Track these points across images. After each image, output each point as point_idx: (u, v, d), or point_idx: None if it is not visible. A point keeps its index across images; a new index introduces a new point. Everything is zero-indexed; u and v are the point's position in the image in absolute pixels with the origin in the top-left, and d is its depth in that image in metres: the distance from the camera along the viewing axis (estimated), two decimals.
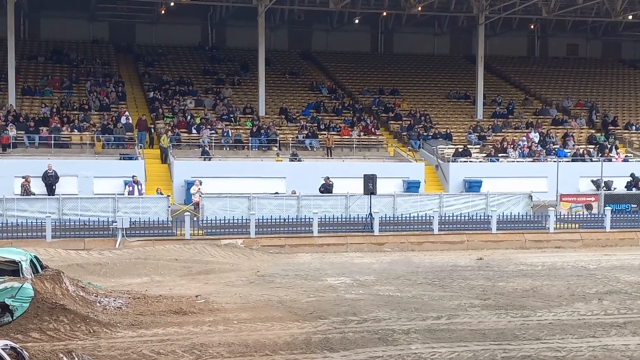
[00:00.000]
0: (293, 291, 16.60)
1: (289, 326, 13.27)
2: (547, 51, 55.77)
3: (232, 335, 12.63)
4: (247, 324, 13.39)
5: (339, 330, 12.97)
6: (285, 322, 13.53)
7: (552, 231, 26.28)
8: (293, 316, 14.02)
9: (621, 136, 42.73)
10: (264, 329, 13.08)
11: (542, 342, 12.08)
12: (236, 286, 17.26)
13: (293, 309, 14.62)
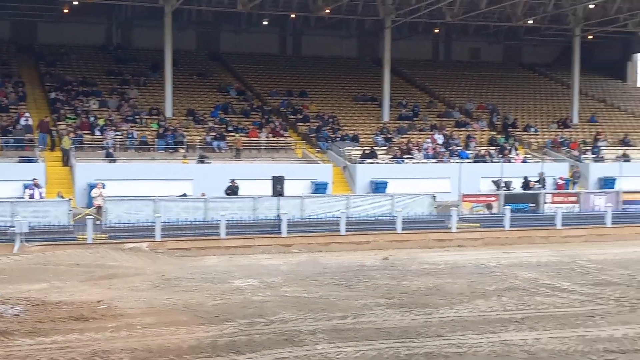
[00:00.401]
0: (199, 294, 16.44)
1: (194, 330, 13.13)
2: (451, 55, 57.17)
3: (135, 340, 12.40)
4: (152, 328, 13.17)
5: (245, 333, 12.93)
6: (190, 326, 13.39)
7: (455, 230, 26.94)
8: (199, 320, 13.88)
9: (520, 138, 44.20)
10: (169, 333, 12.90)
11: (444, 339, 12.37)
12: (140, 290, 16.95)
13: (199, 313, 14.47)
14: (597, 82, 56.67)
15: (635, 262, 21.35)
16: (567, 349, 11.63)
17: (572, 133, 45.35)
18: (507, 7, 43.75)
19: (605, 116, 50.03)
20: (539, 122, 47.13)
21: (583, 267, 20.36)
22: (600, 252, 23.71)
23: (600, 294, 16.14)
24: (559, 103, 51.07)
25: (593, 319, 13.69)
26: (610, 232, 28.24)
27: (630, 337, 12.32)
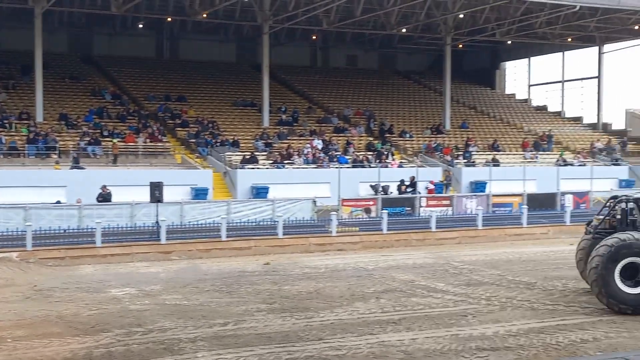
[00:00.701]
0: (74, 305, 15.89)
1: (68, 342, 12.68)
2: (328, 61, 58.00)
3: (5, 354, 11.85)
4: (23, 341, 12.62)
5: (122, 343, 12.60)
6: (64, 338, 12.92)
7: (335, 234, 27.31)
8: (73, 331, 13.42)
9: (397, 143, 45.35)
10: (41, 346, 12.40)
11: (325, 342, 12.50)
12: (11, 302, 16.21)
13: (73, 324, 13.99)
14: (468, 89, 58.97)
15: (505, 262, 22.30)
16: (442, 348, 12.00)
17: (445, 139, 46.95)
18: (381, 16, 44.84)
19: (475, 122, 52.10)
20: (413, 128, 48.52)
21: (456, 268, 21.08)
22: (472, 253, 24.63)
23: (472, 294, 16.75)
24: (433, 110, 52.78)
25: (466, 318, 14.19)
26: (481, 234, 29.41)
27: (501, 334, 12.85)
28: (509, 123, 53.43)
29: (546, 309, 15.01)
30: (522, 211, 31.13)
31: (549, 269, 20.53)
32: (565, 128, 54.33)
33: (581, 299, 15.91)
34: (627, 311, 14.16)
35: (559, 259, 22.76)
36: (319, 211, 30.29)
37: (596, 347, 11.90)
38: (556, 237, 30.02)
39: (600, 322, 13.74)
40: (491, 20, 46.55)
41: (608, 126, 55.52)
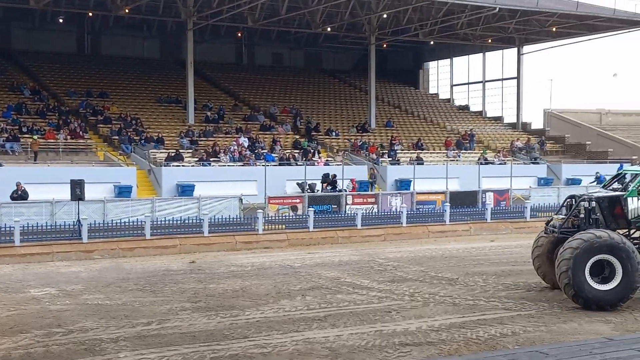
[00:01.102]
0: None
1: None
2: (254, 59, 57.81)
3: None
4: None
5: (42, 344, 12.30)
6: None
7: (261, 232, 27.27)
8: None
9: (323, 141, 45.55)
10: None
11: (250, 340, 12.48)
12: None
13: None
14: (393, 88, 59.72)
15: (428, 259, 22.69)
16: (366, 344, 12.14)
17: (370, 137, 47.40)
18: (306, 14, 44.98)
19: (400, 121, 52.79)
20: (339, 126, 48.83)
21: (381, 264, 21.33)
22: (397, 250, 24.97)
23: (396, 290, 16.99)
24: (358, 108, 53.23)
25: (390, 314, 14.39)
26: (405, 231, 29.81)
27: (424, 330, 13.08)
28: (432, 122, 54.34)
29: (467, 304, 15.34)
30: (445, 209, 31.70)
31: (471, 265, 20.98)
32: (487, 127, 55.61)
33: (501, 295, 16.33)
34: (592, 306, 14.49)
35: (480, 256, 23.31)
36: (246, 209, 30.18)
37: (515, 341, 12.23)
38: (477, 234, 30.74)
39: (519, 316, 14.12)
40: (414, 20, 47.26)
41: (527, 126, 57.08)
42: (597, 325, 13.29)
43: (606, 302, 14.54)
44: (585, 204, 15.75)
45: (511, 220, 32.81)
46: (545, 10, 45.43)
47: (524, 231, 31.80)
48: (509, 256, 23.15)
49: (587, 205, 15.74)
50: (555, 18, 47.10)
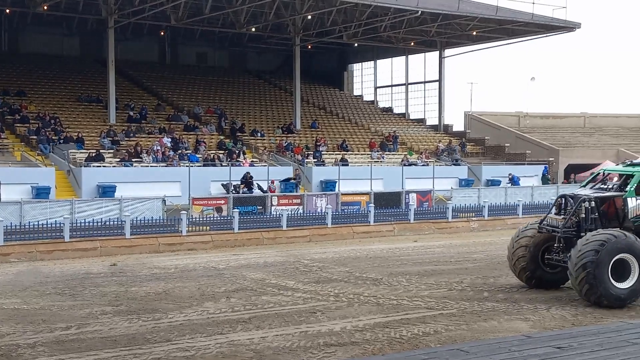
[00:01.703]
0: None
1: None
2: (177, 58, 57.13)
3: None
4: None
5: None
6: None
7: (185, 234, 26.95)
8: None
9: (248, 142, 45.36)
10: None
11: (173, 343, 12.28)
12: None
13: None
14: (317, 90, 59.97)
15: (353, 259, 22.83)
16: (291, 345, 12.11)
17: (295, 138, 47.45)
18: (230, 14, 44.71)
19: (325, 122, 53.04)
20: (265, 127, 48.72)
21: (306, 265, 21.35)
22: (322, 251, 25.05)
23: (321, 291, 17.02)
24: (283, 109, 53.22)
25: (315, 315, 14.40)
26: (330, 232, 29.96)
27: (348, 330, 13.14)
28: (356, 124, 54.79)
29: (391, 304, 15.50)
30: (370, 209, 31.99)
31: (394, 266, 21.21)
32: (410, 129, 56.42)
33: (423, 294, 16.55)
34: (614, 305, 14.71)
35: (404, 256, 23.60)
36: (169, 210, 29.77)
37: (437, 340, 12.41)
38: (401, 235, 31.13)
39: (441, 315, 14.34)
40: (338, 22, 47.55)
41: (449, 128, 58.19)
42: (516, 323, 13.61)
43: (624, 300, 14.86)
44: (586, 204, 15.99)
45: (434, 220, 33.36)
46: (465, 15, 46.40)
47: (446, 231, 32.42)
48: (432, 256, 23.51)
49: (588, 205, 15.99)
50: (476, 22, 48.14)
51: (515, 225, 34.32)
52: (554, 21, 48.52)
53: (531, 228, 17.17)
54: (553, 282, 16.98)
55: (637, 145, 58.63)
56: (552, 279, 16.95)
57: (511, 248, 17.20)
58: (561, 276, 16.79)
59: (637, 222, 16.17)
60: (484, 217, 34.55)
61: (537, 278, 16.86)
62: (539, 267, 16.82)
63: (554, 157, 52.24)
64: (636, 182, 16.20)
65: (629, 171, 16.75)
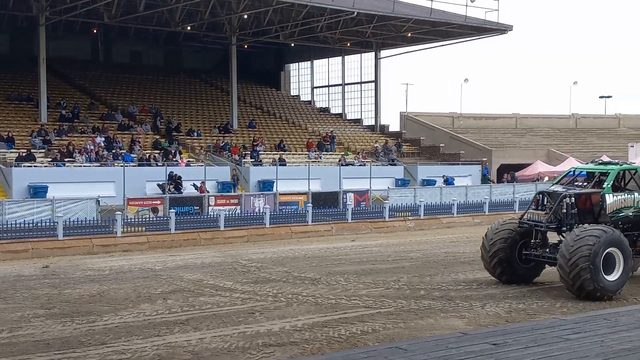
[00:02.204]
0: None
1: None
2: (111, 56, 56.16)
3: None
4: None
5: None
6: None
7: (120, 235, 26.50)
8: None
9: (184, 142, 44.91)
10: None
11: (108, 346, 12.06)
12: None
13: None
14: (255, 89, 59.79)
15: (291, 259, 22.82)
16: (229, 346, 12.02)
17: (232, 138, 47.20)
18: (165, 12, 44.17)
19: (262, 122, 52.92)
20: (201, 127, 48.32)
21: (244, 266, 21.24)
22: (260, 251, 24.96)
23: (259, 291, 16.95)
24: (220, 109, 52.88)
25: (253, 315, 14.33)
26: (268, 232, 29.88)
27: (287, 330, 13.11)
28: (294, 124, 54.81)
29: (329, 303, 15.54)
30: (307, 209, 32.03)
31: (333, 265, 21.28)
32: (347, 129, 56.74)
33: (361, 293, 16.65)
34: (604, 296, 15.43)
35: (342, 255, 23.70)
36: (103, 211, 29.23)
37: (375, 338, 12.49)
38: (339, 234, 31.26)
39: (379, 314, 14.44)
40: (275, 22, 47.49)
41: (385, 128, 58.74)
42: (452, 321, 13.80)
43: (611, 291, 15.56)
44: (567, 200, 16.61)
45: (371, 220, 33.61)
46: (400, 16, 46.90)
47: (383, 231, 32.70)
48: (369, 255, 23.68)
49: (569, 201, 16.62)
50: (411, 24, 48.71)
51: (450, 225, 35.02)
52: (487, 24, 49.47)
53: (509, 223, 17.64)
54: (525, 276, 17.49)
55: (566, 145, 60.32)
56: (525, 273, 17.49)
57: (488, 242, 17.53)
58: (533, 271, 17.53)
59: (613, 216, 16.98)
60: (420, 216, 34.96)
61: (509, 273, 17.34)
62: (514, 262, 17.28)
63: (487, 157, 53.26)
64: (612, 179, 17.05)
65: (602, 169, 17.55)
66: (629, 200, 17.18)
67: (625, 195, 17.25)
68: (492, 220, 36.07)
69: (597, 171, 17.69)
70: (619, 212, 17.08)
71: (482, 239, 17.84)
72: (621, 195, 17.19)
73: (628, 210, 17.18)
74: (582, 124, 67.98)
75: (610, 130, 68.26)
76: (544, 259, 16.77)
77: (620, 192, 17.37)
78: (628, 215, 17.18)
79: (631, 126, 69.33)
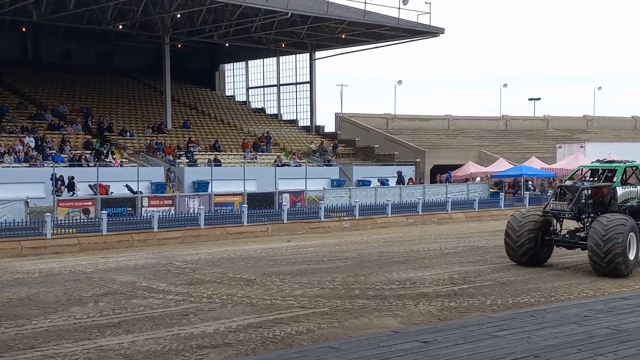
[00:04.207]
0: None
1: None
2: (40, 55, 54.89)
3: None
4: None
5: None
6: None
7: (50, 237, 25.95)
8: None
9: (117, 142, 44.22)
10: None
11: (37, 350, 11.81)
12: None
13: None
14: (189, 89, 59.27)
15: (226, 260, 22.71)
16: (162, 349, 11.91)
17: (166, 138, 46.69)
18: (96, 10, 43.43)
19: (197, 122, 52.51)
20: (134, 127, 47.65)
21: (179, 267, 21.05)
22: (195, 252, 24.77)
23: (194, 293, 16.83)
24: (154, 109, 52.27)
25: (187, 317, 14.22)
26: (203, 233, 29.67)
27: (221, 331, 13.06)
28: (229, 124, 54.57)
29: (265, 304, 15.54)
30: (243, 210, 31.93)
31: (268, 266, 21.27)
32: (282, 130, 56.77)
33: (297, 293, 16.70)
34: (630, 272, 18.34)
35: (277, 256, 23.71)
36: (32, 213, 28.55)
37: (309, 338, 12.55)
38: (275, 235, 31.25)
39: (314, 314, 14.52)
40: (209, 22, 47.20)
41: (321, 129, 58.98)
42: (385, 320, 13.97)
43: (632, 268, 18.50)
44: (586, 192, 19.49)
45: (306, 220, 33.70)
46: (334, 18, 47.20)
47: (318, 231, 32.83)
48: (305, 256, 23.75)
49: (587, 193, 19.51)
50: (345, 25, 49.05)
51: (385, 225, 35.39)
52: (419, 26, 50.16)
53: (533, 214, 20.25)
54: (542, 259, 20.27)
55: (497, 146, 61.65)
56: (543, 256, 20.31)
57: (516, 231, 19.90)
58: (548, 255, 20.46)
59: (622, 206, 19.84)
60: (355, 216, 35.22)
61: (532, 256, 19.93)
62: (537, 247, 19.94)
63: (421, 158, 54.00)
64: (620, 174, 20.04)
65: (610, 166, 20.60)
66: (634, 192, 20.28)
67: (631, 188, 20.33)
68: (426, 220, 37.01)
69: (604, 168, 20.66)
70: (626, 202, 19.97)
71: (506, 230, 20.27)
72: (628, 187, 20.22)
73: (633, 200, 20.18)
74: (512, 126, 69.60)
75: (539, 132, 70.05)
76: (564, 243, 20.04)
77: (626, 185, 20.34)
78: (633, 205, 20.11)
79: (559, 128, 71.30)
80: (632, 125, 75.12)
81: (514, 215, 20.49)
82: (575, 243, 19.85)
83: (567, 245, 20.18)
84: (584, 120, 74.59)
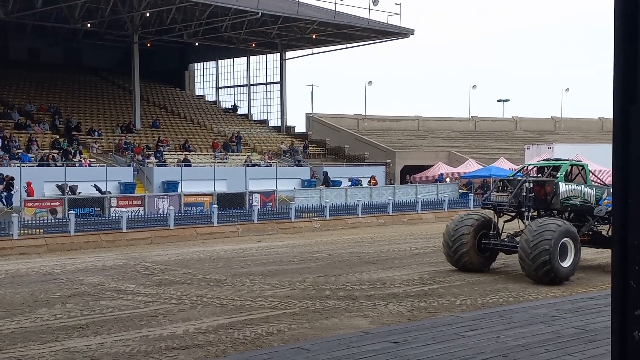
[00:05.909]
0: None
1: None
2: (7, 53, 54.15)
3: None
4: None
5: None
6: None
7: (16, 238, 25.62)
8: None
9: (85, 142, 43.77)
10: None
11: (3, 352, 11.64)
12: None
13: None
14: (158, 89, 58.88)
15: (196, 261, 22.59)
16: (131, 350, 11.79)
17: (135, 138, 46.33)
18: (64, 9, 42.96)
19: (166, 122, 52.18)
20: (102, 126, 47.21)
21: (148, 268, 20.89)
22: (164, 253, 24.61)
23: (163, 294, 16.71)
24: (122, 108, 51.84)
25: (156, 319, 14.10)
26: (173, 234, 29.50)
27: (191, 332, 12.97)
28: (199, 124, 54.29)
29: (235, 305, 15.47)
30: (213, 210, 31.79)
31: (238, 266, 21.20)
32: (253, 130, 56.63)
33: (267, 294, 16.66)
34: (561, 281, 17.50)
35: (248, 256, 23.65)
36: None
37: (280, 339, 12.51)
38: (245, 235, 31.17)
39: (284, 315, 14.49)
40: (178, 21, 46.95)
41: (291, 129, 58.93)
42: (356, 320, 13.98)
43: (568, 276, 17.66)
44: (527, 185, 18.79)
45: (277, 221, 33.66)
46: (305, 18, 47.19)
47: (289, 231, 32.81)
48: (275, 256, 23.71)
49: (528, 186, 18.80)
50: (315, 26, 49.07)
51: (356, 225, 35.47)
52: (389, 27, 50.35)
53: (470, 218, 19.39)
54: (481, 265, 19.40)
55: (466, 147, 62.10)
56: (482, 262, 19.44)
57: (451, 236, 19.13)
58: (488, 261, 19.60)
59: (565, 203, 19.25)
60: (325, 217, 35.25)
61: (466, 262, 19.08)
62: (475, 252, 19.10)
63: (391, 159, 54.21)
64: (564, 170, 19.60)
65: (555, 163, 20.30)
66: (577, 190, 19.46)
67: (574, 186, 19.58)
68: (396, 221, 37.15)
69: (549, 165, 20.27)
70: (568, 200, 19.26)
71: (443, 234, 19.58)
72: (571, 185, 19.52)
73: (576, 199, 19.42)
74: (481, 127, 70.17)
75: (508, 133, 70.72)
76: (501, 247, 19.03)
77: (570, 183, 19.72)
78: (576, 203, 19.41)
79: (527, 129, 72.04)
80: (599, 126, 76.17)
81: (452, 219, 19.83)
82: (514, 247, 18.38)
83: (505, 250, 19.08)
84: (551, 122, 75.47)
